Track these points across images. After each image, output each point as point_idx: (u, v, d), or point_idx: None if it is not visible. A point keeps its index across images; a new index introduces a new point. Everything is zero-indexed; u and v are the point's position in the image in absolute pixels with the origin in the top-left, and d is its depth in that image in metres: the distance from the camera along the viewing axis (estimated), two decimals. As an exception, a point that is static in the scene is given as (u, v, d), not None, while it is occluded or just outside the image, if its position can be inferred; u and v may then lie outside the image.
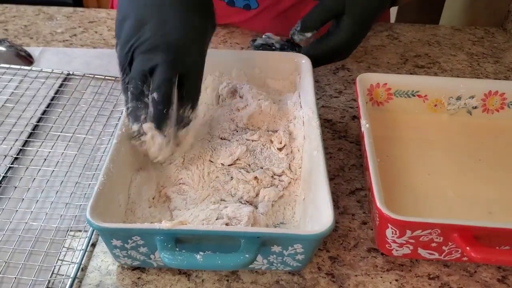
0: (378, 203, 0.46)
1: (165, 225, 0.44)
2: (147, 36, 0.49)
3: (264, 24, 0.77)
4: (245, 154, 0.56)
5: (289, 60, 0.66)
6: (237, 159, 0.56)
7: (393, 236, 0.48)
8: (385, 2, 0.65)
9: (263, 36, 0.74)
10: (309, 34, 0.64)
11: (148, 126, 0.50)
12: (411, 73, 0.78)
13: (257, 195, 0.53)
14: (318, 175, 0.50)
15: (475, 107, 0.64)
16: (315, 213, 0.49)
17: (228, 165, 0.56)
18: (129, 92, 0.49)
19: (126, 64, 0.50)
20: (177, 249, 0.44)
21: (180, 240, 0.45)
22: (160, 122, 0.49)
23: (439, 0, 1.28)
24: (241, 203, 0.52)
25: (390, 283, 0.49)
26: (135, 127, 0.50)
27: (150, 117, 0.49)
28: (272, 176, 0.55)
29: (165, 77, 0.48)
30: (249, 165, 0.56)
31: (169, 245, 0.44)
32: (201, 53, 0.51)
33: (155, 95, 0.48)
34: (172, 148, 0.52)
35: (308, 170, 0.54)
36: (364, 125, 0.55)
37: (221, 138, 0.58)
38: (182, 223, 0.45)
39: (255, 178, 0.54)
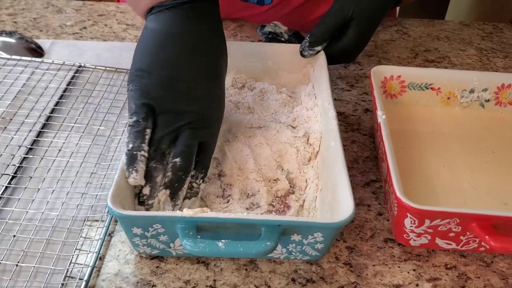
0: (397, 193, 0.47)
1: (187, 212, 0.44)
2: (176, 101, 0.49)
3: (276, 19, 0.77)
4: None
5: (303, 53, 0.66)
6: None
7: (412, 226, 0.48)
8: (389, 6, 0.66)
9: (271, 24, 0.74)
10: (319, 48, 0.64)
11: (163, 193, 0.48)
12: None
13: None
14: (337, 164, 0.50)
15: (488, 100, 0.65)
16: (333, 202, 0.49)
17: None
18: (151, 152, 0.48)
19: (143, 116, 0.49)
20: (199, 236, 0.44)
21: (201, 228, 0.45)
22: (176, 190, 0.48)
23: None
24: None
25: (408, 272, 0.49)
26: (146, 190, 0.48)
27: (167, 183, 0.48)
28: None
29: (190, 143, 0.48)
30: None
31: (191, 233, 0.44)
32: (219, 123, 0.52)
33: (177, 160, 0.48)
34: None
35: (325, 161, 0.54)
36: (381, 116, 0.55)
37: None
38: (203, 211, 0.45)
39: None
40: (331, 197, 0.50)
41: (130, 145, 0.48)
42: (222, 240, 0.44)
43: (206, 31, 0.54)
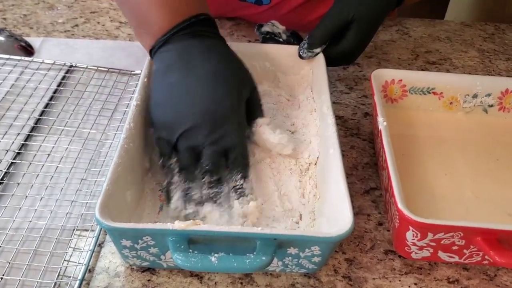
0: (399, 205, 0.45)
1: (179, 225, 0.42)
2: (185, 121, 0.50)
3: (274, 19, 0.75)
4: None
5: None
6: None
7: (414, 239, 0.46)
8: (390, 8, 0.64)
9: (269, 23, 0.72)
10: (317, 50, 0.62)
11: (208, 209, 0.49)
12: (422, 69, 0.77)
13: None
14: (335, 174, 0.48)
15: (491, 105, 0.63)
16: (331, 213, 0.48)
17: None
18: (182, 175, 0.50)
19: (168, 149, 0.51)
20: (190, 250, 0.42)
21: (192, 241, 0.44)
22: (217, 199, 0.49)
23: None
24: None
25: (409, 286, 0.47)
26: (190, 209, 0.49)
27: (207, 198, 0.49)
28: None
29: (212, 159, 0.49)
30: None
31: (182, 246, 0.42)
32: (239, 125, 0.52)
33: (206, 177, 0.49)
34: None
35: (323, 169, 0.52)
36: (382, 123, 0.53)
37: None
38: (195, 223, 0.43)
39: None
40: (329, 207, 0.49)
41: (165, 182, 0.51)
42: (215, 255, 0.42)
43: (201, 50, 0.54)
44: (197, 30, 0.55)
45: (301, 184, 0.53)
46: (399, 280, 0.48)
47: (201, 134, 0.50)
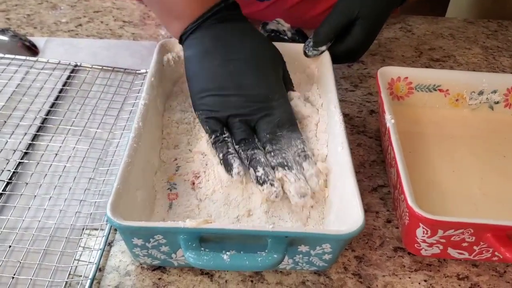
0: (409, 202, 0.45)
1: (190, 223, 0.42)
2: (235, 104, 0.53)
3: (276, 15, 0.75)
4: None
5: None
6: None
7: (424, 236, 0.46)
8: (394, 5, 0.64)
9: (274, 21, 0.72)
10: (323, 48, 0.62)
11: (281, 174, 0.50)
12: (426, 67, 0.77)
13: None
14: (345, 172, 0.48)
15: (497, 102, 0.63)
16: (341, 211, 0.48)
17: None
18: (242, 145, 0.52)
19: (219, 126, 0.53)
20: (202, 248, 0.42)
21: (203, 239, 0.44)
22: (285, 165, 0.51)
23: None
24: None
25: (419, 283, 0.47)
26: (259, 172, 0.50)
27: (275, 165, 0.51)
28: None
29: (269, 131, 0.53)
30: None
31: (194, 245, 0.42)
32: (284, 99, 0.56)
33: (268, 147, 0.52)
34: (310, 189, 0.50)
35: (332, 167, 0.52)
36: (389, 120, 0.54)
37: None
38: (207, 221, 0.43)
39: None
40: (339, 205, 0.49)
41: (221, 155, 0.52)
42: (227, 253, 0.42)
43: (235, 35, 0.57)
44: (225, 14, 0.57)
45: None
46: (409, 277, 0.48)
47: (253, 115, 0.53)
